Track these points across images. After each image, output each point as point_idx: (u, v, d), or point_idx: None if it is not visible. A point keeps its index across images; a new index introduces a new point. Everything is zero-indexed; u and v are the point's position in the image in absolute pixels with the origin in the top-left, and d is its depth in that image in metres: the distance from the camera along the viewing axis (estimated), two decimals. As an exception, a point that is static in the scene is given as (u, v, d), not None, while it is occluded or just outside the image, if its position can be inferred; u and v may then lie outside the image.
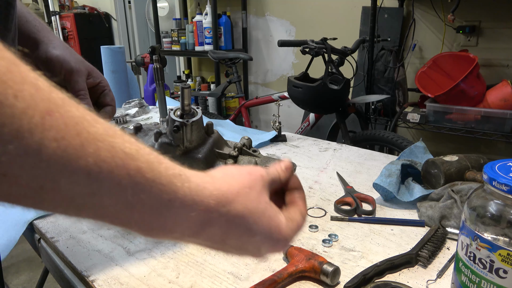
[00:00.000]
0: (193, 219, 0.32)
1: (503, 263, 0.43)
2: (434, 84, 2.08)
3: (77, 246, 0.71)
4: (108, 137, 0.27)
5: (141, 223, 0.30)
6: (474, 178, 0.80)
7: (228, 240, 0.35)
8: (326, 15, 2.80)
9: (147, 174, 0.29)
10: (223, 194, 0.34)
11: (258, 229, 0.36)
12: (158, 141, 0.74)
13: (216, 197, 0.33)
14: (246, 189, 0.36)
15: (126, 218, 0.29)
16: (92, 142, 0.26)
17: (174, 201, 0.30)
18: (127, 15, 4.61)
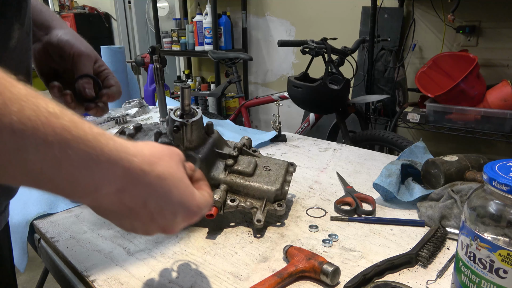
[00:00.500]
0: (118, 176, 0.34)
1: (503, 263, 0.43)
2: (434, 84, 2.08)
3: (77, 246, 0.71)
4: (31, 97, 0.28)
5: (68, 180, 0.31)
6: (474, 178, 0.80)
7: (149, 202, 0.37)
8: (326, 15, 2.80)
9: (73, 131, 0.30)
10: (146, 155, 0.36)
11: (177, 193, 0.39)
12: (158, 141, 0.74)
13: (141, 157, 0.35)
14: (166, 157, 0.39)
15: (53, 175, 0.30)
16: (15, 101, 0.27)
17: (100, 156, 0.32)
18: (127, 15, 4.61)
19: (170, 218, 0.39)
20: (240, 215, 0.81)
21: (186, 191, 0.40)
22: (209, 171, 0.75)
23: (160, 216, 0.38)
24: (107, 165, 0.32)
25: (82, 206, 0.87)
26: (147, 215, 0.38)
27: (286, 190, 0.78)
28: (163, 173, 0.37)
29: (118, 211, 0.36)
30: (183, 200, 0.40)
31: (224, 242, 0.71)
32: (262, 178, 0.77)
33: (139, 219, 0.38)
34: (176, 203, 0.39)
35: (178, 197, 0.39)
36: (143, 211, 0.37)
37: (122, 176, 0.34)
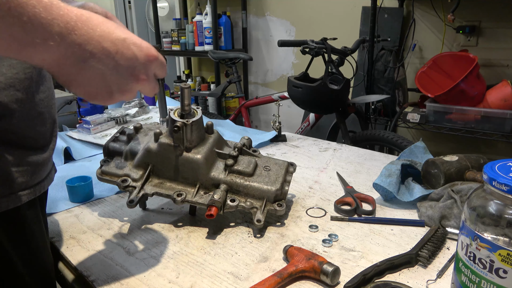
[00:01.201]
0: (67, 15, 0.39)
1: (503, 263, 0.43)
2: (434, 84, 2.08)
3: (77, 246, 0.71)
4: None
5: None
6: (474, 178, 0.80)
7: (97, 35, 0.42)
8: (326, 15, 2.80)
9: None
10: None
11: (122, 28, 0.45)
12: (158, 141, 0.74)
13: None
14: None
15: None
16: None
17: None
18: (127, 15, 4.61)
19: (128, 52, 0.44)
20: (240, 215, 0.81)
21: (126, 31, 0.46)
22: (209, 171, 0.75)
23: (118, 55, 0.44)
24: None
25: (82, 206, 0.87)
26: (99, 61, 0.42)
27: (286, 190, 0.78)
28: (103, 19, 0.44)
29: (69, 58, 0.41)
30: (131, 34, 0.45)
31: (224, 242, 0.71)
32: (262, 178, 0.77)
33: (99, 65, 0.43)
34: (129, 37, 0.45)
35: (125, 31, 0.45)
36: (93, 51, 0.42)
37: (70, 17, 0.39)
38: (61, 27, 0.39)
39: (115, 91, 0.46)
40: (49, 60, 0.40)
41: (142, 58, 0.46)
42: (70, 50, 0.40)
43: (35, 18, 0.37)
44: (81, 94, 0.45)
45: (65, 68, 0.41)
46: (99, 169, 0.78)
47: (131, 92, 0.48)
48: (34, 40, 0.37)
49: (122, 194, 0.92)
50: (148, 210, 0.84)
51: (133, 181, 0.74)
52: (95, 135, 1.30)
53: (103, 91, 0.45)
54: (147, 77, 0.49)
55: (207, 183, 0.75)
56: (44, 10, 0.37)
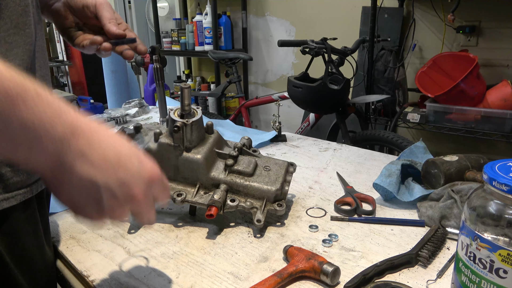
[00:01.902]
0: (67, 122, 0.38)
1: (503, 263, 0.43)
2: (434, 84, 2.08)
3: (77, 246, 0.71)
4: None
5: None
6: (474, 178, 0.80)
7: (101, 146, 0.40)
8: (326, 15, 2.80)
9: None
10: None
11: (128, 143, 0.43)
12: (158, 141, 0.74)
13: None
14: None
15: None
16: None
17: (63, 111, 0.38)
18: (127, 15, 4.61)
19: (131, 167, 0.41)
20: (240, 215, 0.81)
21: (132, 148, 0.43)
22: (209, 171, 0.75)
23: (120, 169, 0.40)
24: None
25: (82, 206, 0.87)
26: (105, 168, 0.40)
27: (286, 190, 0.78)
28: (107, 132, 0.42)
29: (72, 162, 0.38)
30: (133, 149, 0.43)
31: (224, 242, 0.71)
32: (262, 178, 0.77)
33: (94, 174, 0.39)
34: (132, 151, 0.42)
35: (129, 146, 0.43)
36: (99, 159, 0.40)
37: (70, 123, 0.38)
38: (65, 132, 0.37)
39: (106, 206, 0.41)
40: (44, 164, 0.38)
41: (144, 175, 0.43)
42: (70, 156, 0.38)
43: (40, 123, 0.36)
44: (68, 203, 0.41)
45: (59, 173, 0.39)
46: (99, 169, 0.78)
47: (122, 210, 0.42)
48: (33, 143, 0.36)
49: (122, 194, 0.92)
50: (148, 210, 0.83)
51: (133, 181, 0.74)
52: (95, 135, 1.30)
53: (92, 204, 0.41)
54: (145, 197, 0.43)
55: (207, 183, 0.75)
56: (52, 114, 0.36)
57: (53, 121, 0.36)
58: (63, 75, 4.74)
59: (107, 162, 0.40)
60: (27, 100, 0.35)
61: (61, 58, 4.58)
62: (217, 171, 0.76)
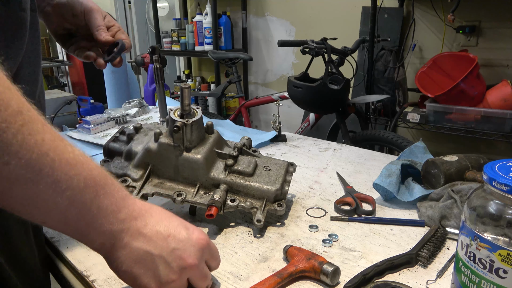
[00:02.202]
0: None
1: (503, 263, 0.43)
2: (434, 84, 2.08)
3: (77, 246, 0.71)
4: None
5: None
6: (474, 178, 0.80)
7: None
8: (326, 15, 2.80)
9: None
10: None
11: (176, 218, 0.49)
12: (158, 141, 0.74)
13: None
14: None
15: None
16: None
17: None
18: (127, 15, 4.61)
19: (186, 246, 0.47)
20: (240, 215, 0.81)
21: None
22: (209, 171, 0.75)
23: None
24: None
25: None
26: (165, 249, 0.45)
27: (286, 190, 0.78)
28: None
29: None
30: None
31: (224, 242, 0.71)
32: (262, 178, 0.77)
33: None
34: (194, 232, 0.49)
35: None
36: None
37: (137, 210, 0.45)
38: (128, 215, 0.44)
39: (162, 276, 0.45)
40: (101, 240, 0.43)
41: (193, 241, 0.47)
42: (129, 234, 0.43)
43: (110, 206, 0.42)
44: (126, 276, 0.45)
45: (115, 249, 0.43)
46: (99, 169, 0.78)
47: (180, 280, 0.47)
48: (96, 223, 0.41)
49: (122, 194, 0.92)
50: (148, 210, 0.83)
51: (133, 181, 0.74)
52: (95, 135, 1.30)
53: (149, 274, 0.45)
54: (198, 262, 0.47)
55: (207, 183, 0.75)
56: (119, 199, 0.43)
57: (120, 205, 0.43)
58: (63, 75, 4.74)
59: (159, 235, 0.45)
60: (105, 187, 0.41)
61: (61, 58, 4.58)
62: (217, 171, 0.76)
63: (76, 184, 0.38)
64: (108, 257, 0.44)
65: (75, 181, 0.38)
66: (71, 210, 0.39)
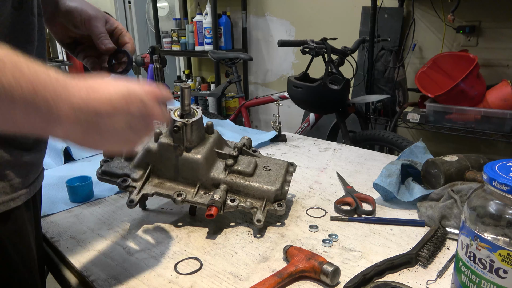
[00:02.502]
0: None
1: (503, 263, 0.43)
2: (434, 84, 2.08)
3: (77, 246, 0.71)
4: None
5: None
6: (474, 178, 0.80)
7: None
8: (326, 15, 2.80)
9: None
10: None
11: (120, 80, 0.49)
12: (158, 141, 0.74)
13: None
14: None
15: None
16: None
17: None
18: (127, 15, 4.61)
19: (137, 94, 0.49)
20: (240, 215, 0.81)
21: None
22: (209, 171, 0.75)
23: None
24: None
25: (82, 206, 0.87)
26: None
27: (286, 190, 0.78)
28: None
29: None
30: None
31: (224, 242, 0.71)
32: (262, 178, 0.77)
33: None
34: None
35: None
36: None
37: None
38: (77, 102, 0.43)
39: (137, 131, 0.49)
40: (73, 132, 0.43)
41: (148, 98, 0.52)
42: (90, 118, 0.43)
43: (56, 99, 0.41)
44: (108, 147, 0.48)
45: (90, 134, 0.44)
46: (99, 169, 0.78)
47: (149, 128, 0.51)
48: (54, 117, 0.41)
49: (122, 194, 0.92)
50: (148, 210, 0.84)
51: (133, 181, 0.74)
52: (95, 135, 1.30)
53: (125, 138, 0.48)
54: (159, 109, 0.53)
55: (207, 183, 0.75)
56: (62, 91, 0.42)
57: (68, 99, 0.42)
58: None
59: (118, 107, 0.46)
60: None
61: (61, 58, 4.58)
62: (217, 171, 0.76)
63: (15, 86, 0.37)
64: (73, 137, 0.44)
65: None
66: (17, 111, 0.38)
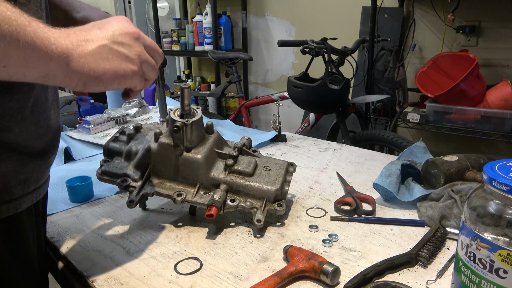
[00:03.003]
0: None
1: (503, 263, 0.43)
2: (434, 84, 2.08)
3: (77, 246, 0.71)
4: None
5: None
6: (474, 178, 0.80)
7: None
8: (326, 15, 2.80)
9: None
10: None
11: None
12: (158, 141, 0.74)
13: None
14: None
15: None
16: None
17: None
18: (127, 15, 4.61)
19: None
20: (240, 215, 0.81)
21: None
22: (209, 171, 0.75)
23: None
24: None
25: (82, 206, 0.87)
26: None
27: (286, 190, 0.78)
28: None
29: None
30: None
31: (224, 242, 0.71)
32: (262, 178, 0.77)
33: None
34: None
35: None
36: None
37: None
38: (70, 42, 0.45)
39: (130, 53, 0.50)
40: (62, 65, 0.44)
41: (124, 26, 0.51)
42: (75, 47, 0.45)
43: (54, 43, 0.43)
44: (111, 79, 0.48)
45: (77, 65, 0.45)
46: (99, 169, 0.78)
47: (141, 47, 0.52)
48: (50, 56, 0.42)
49: (122, 194, 0.92)
50: (148, 210, 0.84)
51: (133, 181, 0.74)
52: (95, 135, 1.30)
53: (123, 61, 0.49)
54: (138, 31, 0.52)
55: (207, 183, 0.75)
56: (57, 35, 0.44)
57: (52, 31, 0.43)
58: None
59: (98, 31, 0.48)
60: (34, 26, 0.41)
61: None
62: (217, 171, 0.76)
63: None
64: (80, 81, 0.46)
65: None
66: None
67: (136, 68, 0.51)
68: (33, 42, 0.40)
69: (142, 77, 0.53)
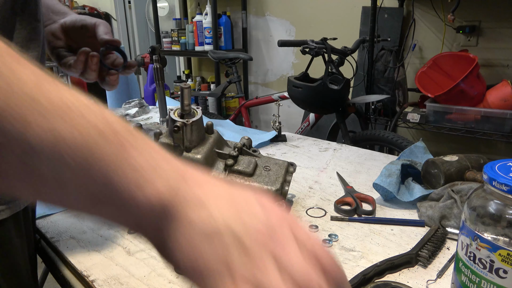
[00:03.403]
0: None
1: (503, 263, 0.43)
2: (434, 84, 2.08)
3: (77, 246, 0.71)
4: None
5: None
6: (474, 178, 0.80)
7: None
8: (326, 15, 2.80)
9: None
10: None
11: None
12: (158, 141, 0.74)
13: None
14: None
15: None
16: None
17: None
18: (127, 15, 4.61)
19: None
20: (240, 215, 0.80)
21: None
22: (209, 171, 0.75)
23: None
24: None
25: (82, 206, 0.87)
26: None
27: (286, 190, 0.78)
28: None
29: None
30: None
31: (224, 242, 0.71)
32: (262, 178, 0.77)
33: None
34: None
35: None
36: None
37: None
38: (177, 178, 0.29)
39: (238, 265, 0.28)
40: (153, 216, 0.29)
41: (272, 216, 0.33)
42: (185, 204, 0.29)
43: (150, 166, 0.28)
44: (187, 266, 0.33)
45: (167, 229, 0.30)
46: (99, 169, 0.78)
47: (263, 268, 0.28)
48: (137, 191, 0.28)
49: (122, 194, 0.92)
50: (148, 210, 0.83)
51: (133, 181, 0.74)
52: (95, 135, 1.30)
53: (221, 266, 0.29)
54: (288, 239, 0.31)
55: (207, 183, 0.75)
56: (159, 158, 0.29)
57: (162, 164, 0.29)
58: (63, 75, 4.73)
59: (227, 205, 0.30)
60: (136, 143, 0.28)
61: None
62: (217, 171, 0.76)
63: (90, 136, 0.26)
64: (158, 239, 0.31)
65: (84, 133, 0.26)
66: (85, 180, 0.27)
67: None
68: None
69: None
